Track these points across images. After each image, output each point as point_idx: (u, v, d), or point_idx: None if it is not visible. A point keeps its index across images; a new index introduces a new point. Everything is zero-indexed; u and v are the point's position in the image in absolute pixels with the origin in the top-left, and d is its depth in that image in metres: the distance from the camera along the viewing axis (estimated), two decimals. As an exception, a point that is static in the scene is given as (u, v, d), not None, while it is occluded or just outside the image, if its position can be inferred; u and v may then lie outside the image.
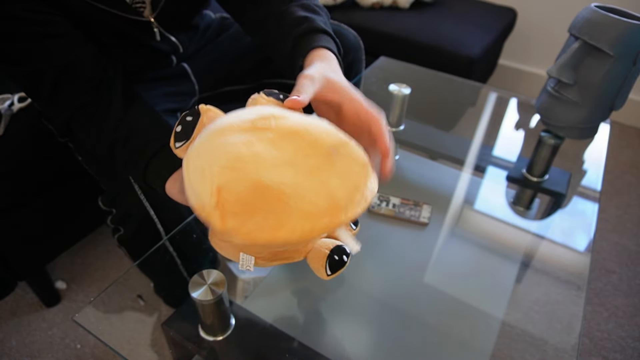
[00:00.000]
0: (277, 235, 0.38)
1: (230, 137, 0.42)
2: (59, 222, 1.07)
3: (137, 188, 0.72)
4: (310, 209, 0.39)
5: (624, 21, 0.69)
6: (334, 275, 0.51)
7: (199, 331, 0.59)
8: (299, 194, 0.39)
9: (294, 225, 0.39)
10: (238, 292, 0.71)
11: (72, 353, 1.04)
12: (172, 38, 0.80)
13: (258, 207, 0.38)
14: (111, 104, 0.63)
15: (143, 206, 0.72)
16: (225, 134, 0.42)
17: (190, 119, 0.49)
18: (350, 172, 0.42)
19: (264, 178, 0.39)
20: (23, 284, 1.18)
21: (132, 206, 0.73)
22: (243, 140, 0.41)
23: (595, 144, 1.02)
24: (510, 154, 1.01)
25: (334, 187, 0.40)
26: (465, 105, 1.20)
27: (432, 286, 0.72)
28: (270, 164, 0.40)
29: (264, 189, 0.39)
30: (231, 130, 0.43)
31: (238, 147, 0.41)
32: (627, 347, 1.08)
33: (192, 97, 0.95)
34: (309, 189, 0.40)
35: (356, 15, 1.67)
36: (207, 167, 0.40)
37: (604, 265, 1.28)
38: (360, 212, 0.43)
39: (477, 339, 0.64)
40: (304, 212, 0.39)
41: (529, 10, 1.88)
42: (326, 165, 0.41)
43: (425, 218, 0.79)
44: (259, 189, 0.39)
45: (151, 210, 0.73)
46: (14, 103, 0.97)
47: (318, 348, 0.59)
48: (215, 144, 0.42)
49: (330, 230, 0.42)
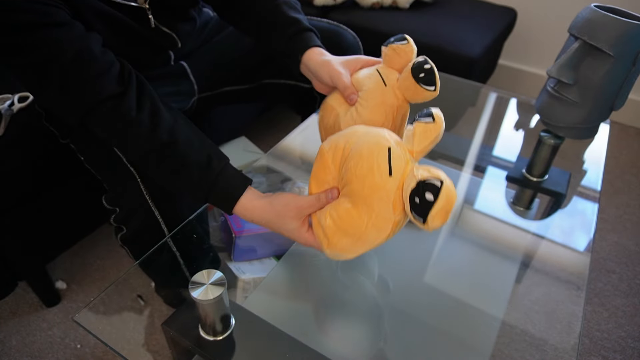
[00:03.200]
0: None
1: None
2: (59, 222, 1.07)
3: (141, 187, 0.72)
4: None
5: (624, 21, 0.69)
6: (435, 82, 0.63)
7: (199, 331, 0.59)
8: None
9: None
10: (238, 292, 0.71)
11: (72, 353, 1.04)
12: (166, 29, 0.80)
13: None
14: (146, 102, 0.63)
15: (147, 204, 0.72)
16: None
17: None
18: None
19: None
20: (23, 284, 1.18)
21: (136, 205, 0.73)
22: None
23: (595, 144, 1.02)
24: (510, 154, 1.01)
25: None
26: (465, 105, 1.20)
27: (432, 286, 0.72)
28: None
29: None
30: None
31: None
32: (627, 347, 1.08)
33: (192, 96, 0.95)
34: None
35: (356, 15, 1.67)
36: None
37: (604, 265, 1.28)
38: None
39: (477, 339, 0.64)
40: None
41: (529, 10, 1.88)
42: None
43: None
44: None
45: (155, 209, 0.73)
46: (14, 103, 0.97)
47: (318, 348, 0.60)
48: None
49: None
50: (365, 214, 0.53)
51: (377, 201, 0.52)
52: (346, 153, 0.56)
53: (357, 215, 0.53)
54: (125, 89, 0.62)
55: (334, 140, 0.59)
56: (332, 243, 0.56)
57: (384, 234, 0.54)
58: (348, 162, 0.55)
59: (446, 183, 0.48)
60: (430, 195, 0.47)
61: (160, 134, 0.62)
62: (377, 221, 0.53)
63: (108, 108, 0.61)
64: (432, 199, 0.47)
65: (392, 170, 0.51)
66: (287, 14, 0.77)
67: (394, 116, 0.67)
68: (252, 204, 0.62)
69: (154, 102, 0.65)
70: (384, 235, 0.54)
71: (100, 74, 0.61)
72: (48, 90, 0.61)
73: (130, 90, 0.63)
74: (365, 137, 0.56)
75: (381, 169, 0.52)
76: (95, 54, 0.61)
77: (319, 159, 0.60)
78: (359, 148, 0.54)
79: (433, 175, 0.49)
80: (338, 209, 0.55)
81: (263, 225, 0.63)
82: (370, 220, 0.53)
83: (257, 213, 0.62)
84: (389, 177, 0.51)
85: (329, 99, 0.71)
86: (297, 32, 0.75)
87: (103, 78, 0.61)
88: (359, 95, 0.67)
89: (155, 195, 0.73)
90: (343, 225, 0.54)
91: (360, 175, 0.53)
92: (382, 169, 0.52)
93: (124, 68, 0.65)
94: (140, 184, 0.72)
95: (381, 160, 0.52)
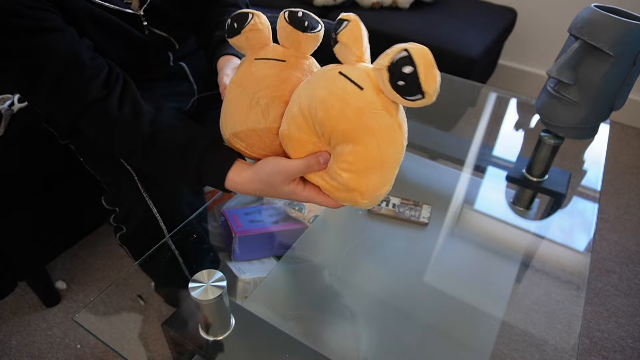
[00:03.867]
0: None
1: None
2: (59, 222, 1.07)
3: (140, 186, 0.72)
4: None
5: (624, 21, 0.69)
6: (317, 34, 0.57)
7: (199, 331, 0.59)
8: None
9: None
10: (238, 292, 0.71)
11: (72, 353, 1.04)
12: (162, 33, 0.81)
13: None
14: (127, 100, 0.64)
15: (146, 203, 0.72)
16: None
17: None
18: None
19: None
20: (23, 284, 1.18)
21: (135, 204, 0.73)
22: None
23: (595, 144, 1.02)
24: (510, 154, 1.01)
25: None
26: (465, 105, 1.20)
27: (432, 286, 0.72)
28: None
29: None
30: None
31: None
32: (627, 347, 1.08)
33: (191, 97, 0.95)
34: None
35: (356, 15, 1.67)
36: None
37: (604, 265, 1.28)
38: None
39: (477, 339, 0.64)
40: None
41: (529, 10, 1.88)
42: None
43: (425, 218, 0.79)
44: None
45: (154, 208, 0.73)
46: (14, 103, 0.97)
47: (318, 348, 0.59)
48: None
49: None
50: (370, 140, 0.49)
51: (371, 119, 0.48)
52: (308, 113, 0.52)
53: (364, 148, 0.49)
54: (109, 91, 0.63)
55: (287, 117, 0.55)
56: (363, 190, 0.52)
57: (398, 143, 0.50)
58: (316, 116, 0.51)
59: (410, 46, 0.45)
60: (408, 67, 0.44)
61: (142, 126, 0.62)
62: (384, 135, 0.49)
63: (94, 111, 0.62)
64: (412, 69, 0.44)
65: (360, 84, 0.48)
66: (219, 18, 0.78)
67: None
68: (241, 176, 0.59)
69: (135, 97, 0.65)
70: (400, 143, 0.51)
71: (88, 79, 0.61)
72: (38, 95, 0.62)
73: (113, 92, 0.63)
74: (311, 86, 0.52)
75: (350, 92, 0.48)
76: (85, 61, 0.62)
77: (288, 142, 0.55)
78: (315, 98, 0.51)
79: (394, 52, 0.45)
80: (343, 158, 0.51)
81: (258, 195, 0.60)
82: (378, 141, 0.49)
83: (247, 185, 0.59)
84: (362, 91, 0.48)
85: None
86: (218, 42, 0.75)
87: (90, 83, 0.61)
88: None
89: (153, 194, 0.73)
90: (360, 166, 0.50)
91: (336, 115, 0.49)
92: (350, 91, 0.48)
93: (111, 72, 0.65)
94: (138, 183, 0.72)
95: (343, 86, 0.49)
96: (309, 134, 0.53)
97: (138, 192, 0.72)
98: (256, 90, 0.56)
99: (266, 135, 0.56)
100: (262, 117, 0.56)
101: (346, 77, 0.49)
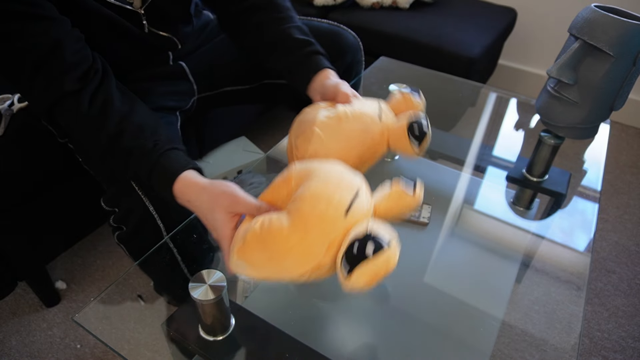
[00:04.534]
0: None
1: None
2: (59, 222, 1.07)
3: (136, 186, 0.72)
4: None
5: (624, 21, 0.69)
6: (422, 147, 0.65)
7: (199, 331, 0.59)
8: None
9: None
10: (238, 292, 0.71)
11: (72, 353, 1.04)
12: (162, 32, 0.81)
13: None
14: (99, 97, 0.64)
15: (143, 203, 0.72)
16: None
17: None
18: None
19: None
20: (23, 284, 1.18)
21: (132, 204, 0.73)
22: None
23: (595, 144, 1.02)
24: (510, 154, 1.01)
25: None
26: (465, 105, 1.20)
27: (432, 286, 0.72)
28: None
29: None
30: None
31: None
32: (627, 347, 1.08)
33: (191, 96, 0.95)
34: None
35: (356, 15, 1.67)
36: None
37: (604, 265, 1.28)
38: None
39: (477, 339, 0.64)
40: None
41: (529, 10, 1.88)
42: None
43: (425, 218, 0.79)
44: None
45: (151, 206, 0.73)
46: (14, 103, 0.97)
47: (318, 348, 0.59)
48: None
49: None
50: (296, 236, 0.47)
51: (317, 231, 0.46)
52: (313, 174, 0.52)
53: (287, 234, 0.47)
54: (83, 85, 0.64)
55: (305, 165, 0.55)
56: (245, 250, 0.50)
57: (302, 268, 0.48)
58: (310, 181, 0.50)
59: (393, 247, 0.45)
60: (371, 250, 0.44)
61: (109, 125, 0.63)
62: (304, 250, 0.47)
63: (66, 104, 0.63)
64: (370, 254, 0.44)
65: (350, 212, 0.47)
66: (297, 37, 0.79)
67: (368, 148, 0.65)
68: (193, 181, 0.59)
69: (109, 95, 0.66)
70: (302, 269, 0.48)
71: (65, 71, 0.62)
72: (19, 82, 0.63)
73: (88, 86, 0.64)
74: (338, 169, 0.53)
75: (340, 204, 0.48)
76: (67, 52, 0.62)
77: (285, 175, 0.56)
78: (328, 174, 0.51)
79: (385, 234, 0.46)
80: (272, 219, 0.49)
81: (193, 208, 0.60)
82: (297, 245, 0.47)
83: (194, 191, 0.58)
84: (343, 216, 0.47)
85: (312, 106, 0.70)
86: (309, 53, 0.78)
87: (67, 75, 0.62)
88: (351, 107, 0.66)
89: (150, 194, 0.73)
90: (267, 236, 0.48)
91: (315, 198, 0.48)
92: (341, 204, 0.48)
93: (91, 67, 0.65)
94: (134, 183, 0.72)
95: (344, 196, 0.48)
96: (296, 183, 0.54)
97: (134, 192, 0.72)
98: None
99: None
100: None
101: (355, 196, 0.49)
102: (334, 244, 0.47)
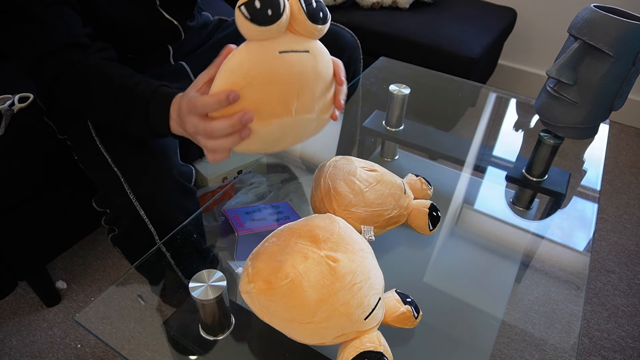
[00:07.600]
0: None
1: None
2: (59, 222, 1.07)
3: (126, 188, 0.72)
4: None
5: (623, 21, 0.69)
6: (434, 229, 0.70)
7: (199, 331, 0.59)
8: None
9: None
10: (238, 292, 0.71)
11: (73, 353, 1.04)
12: (171, 19, 0.83)
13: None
14: (105, 58, 0.70)
15: (133, 206, 0.72)
16: None
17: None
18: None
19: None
20: (23, 284, 1.18)
21: (122, 206, 0.72)
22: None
23: (595, 144, 1.02)
24: (510, 154, 1.01)
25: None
26: (465, 105, 1.20)
27: (432, 286, 0.72)
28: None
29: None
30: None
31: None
32: (627, 347, 1.08)
33: (192, 96, 0.95)
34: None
35: (356, 15, 1.67)
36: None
37: (604, 265, 1.28)
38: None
39: (477, 339, 0.64)
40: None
41: (529, 10, 1.88)
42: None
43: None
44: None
45: (141, 210, 0.72)
46: (15, 103, 0.97)
47: (318, 348, 0.60)
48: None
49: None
50: (318, 318, 0.50)
51: (337, 322, 0.50)
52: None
53: (311, 309, 0.50)
54: (87, 52, 0.69)
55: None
56: (266, 293, 0.51)
57: (307, 339, 0.53)
58: (351, 267, 0.52)
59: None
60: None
61: (114, 72, 0.68)
62: (318, 331, 0.51)
63: (69, 74, 0.67)
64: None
65: (369, 318, 0.51)
66: None
67: (395, 216, 0.69)
68: (177, 99, 0.62)
69: (112, 56, 0.72)
70: (306, 339, 0.53)
71: (69, 44, 0.67)
72: (26, 56, 0.67)
73: (92, 51, 0.69)
74: (374, 263, 0.57)
75: (367, 307, 0.51)
76: (80, 44, 0.68)
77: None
78: (365, 268, 0.53)
79: (380, 346, 0.51)
80: (308, 269, 0.51)
81: (182, 129, 0.61)
82: (315, 324, 0.50)
83: (175, 109, 0.61)
84: (363, 319, 0.51)
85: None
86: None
87: (69, 50, 0.67)
88: (377, 174, 0.69)
89: (140, 195, 0.72)
90: (293, 299, 0.50)
91: (350, 291, 0.50)
92: (368, 307, 0.51)
93: (92, 37, 0.71)
94: (124, 185, 0.72)
95: (371, 301, 0.52)
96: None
97: (124, 194, 0.72)
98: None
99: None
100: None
101: (378, 302, 0.54)
102: (343, 337, 0.51)
